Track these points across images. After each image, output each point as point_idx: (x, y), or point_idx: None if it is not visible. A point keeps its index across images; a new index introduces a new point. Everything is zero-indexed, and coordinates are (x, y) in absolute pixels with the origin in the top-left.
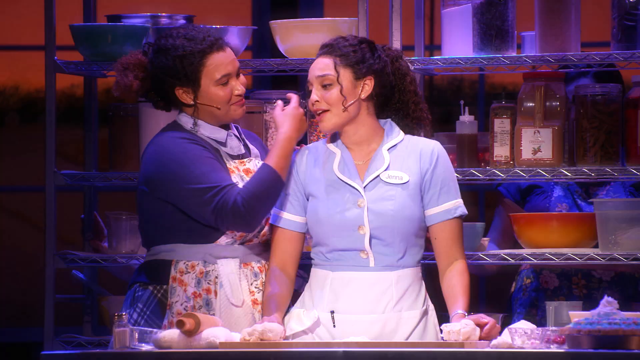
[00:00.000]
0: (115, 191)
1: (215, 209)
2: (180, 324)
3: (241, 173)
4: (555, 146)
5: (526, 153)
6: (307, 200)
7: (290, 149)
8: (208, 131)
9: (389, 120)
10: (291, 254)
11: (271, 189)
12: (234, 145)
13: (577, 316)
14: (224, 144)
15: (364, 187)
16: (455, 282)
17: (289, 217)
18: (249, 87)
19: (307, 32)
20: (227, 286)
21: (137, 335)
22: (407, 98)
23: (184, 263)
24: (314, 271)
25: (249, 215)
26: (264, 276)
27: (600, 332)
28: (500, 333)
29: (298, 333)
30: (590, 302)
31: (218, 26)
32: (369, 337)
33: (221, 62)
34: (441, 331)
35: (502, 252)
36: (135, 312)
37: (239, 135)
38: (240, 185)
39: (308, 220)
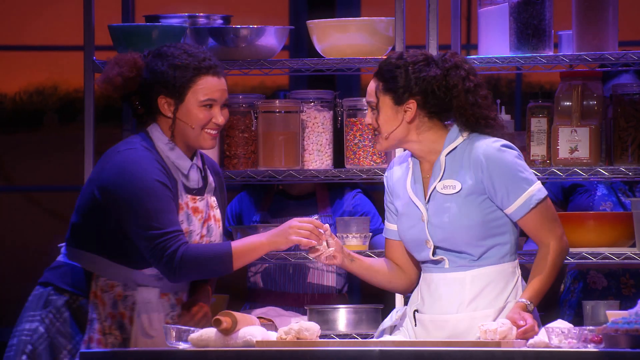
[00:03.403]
0: None
1: (154, 250)
2: (217, 323)
3: (189, 211)
4: (592, 145)
5: (563, 152)
6: None
7: (258, 252)
8: (175, 156)
9: (454, 124)
10: (401, 259)
11: (216, 265)
12: (194, 179)
13: (615, 315)
14: (186, 175)
15: (427, 202)
16: (534, 268)
17: (389, 227)
18: (286, 87)
19: (344, 32)
20: (145, 316)
21: (174, 333)
22: (464, 108)
23: (105, 281)
24: None
25: (179, 272)
26: (180, 308)
27: (638, 332)
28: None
29: (386, 329)
30: None
31: (255, 26)
32: (443, 336)
33: (211, 85)
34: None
35: None
36: (50, 314)
37: (201, 166)
38: (185, 226)
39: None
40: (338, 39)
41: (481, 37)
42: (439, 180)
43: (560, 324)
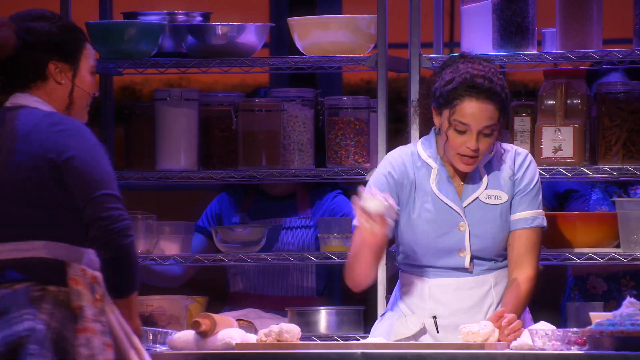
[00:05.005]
0: (131, 190)
1: None
2: (196, 325)
3: None
4: (576, 145)
5: (547, 152)
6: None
7: None
8: None
9: None
10: (380, 253)
11: None
12: None
13: (599, 317)
14: None
15: (464, 209)
16: (509, 291)
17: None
18: (267, 85)
19: (325, 29)
20: None
21: (151, 336)
22: None
23: (78, 266)
24: (406, 276)
25: None
26: None
27: (622, 334)
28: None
29: (402, 339)
30: None
31: (235, 23)
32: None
33: (93, 51)
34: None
35: None
36: (42, 313)
37: None
38: None
39: (402, 232)
40: (319, 36)
41: (464, 34)
42: (484, 190)
43: (543, 326)
